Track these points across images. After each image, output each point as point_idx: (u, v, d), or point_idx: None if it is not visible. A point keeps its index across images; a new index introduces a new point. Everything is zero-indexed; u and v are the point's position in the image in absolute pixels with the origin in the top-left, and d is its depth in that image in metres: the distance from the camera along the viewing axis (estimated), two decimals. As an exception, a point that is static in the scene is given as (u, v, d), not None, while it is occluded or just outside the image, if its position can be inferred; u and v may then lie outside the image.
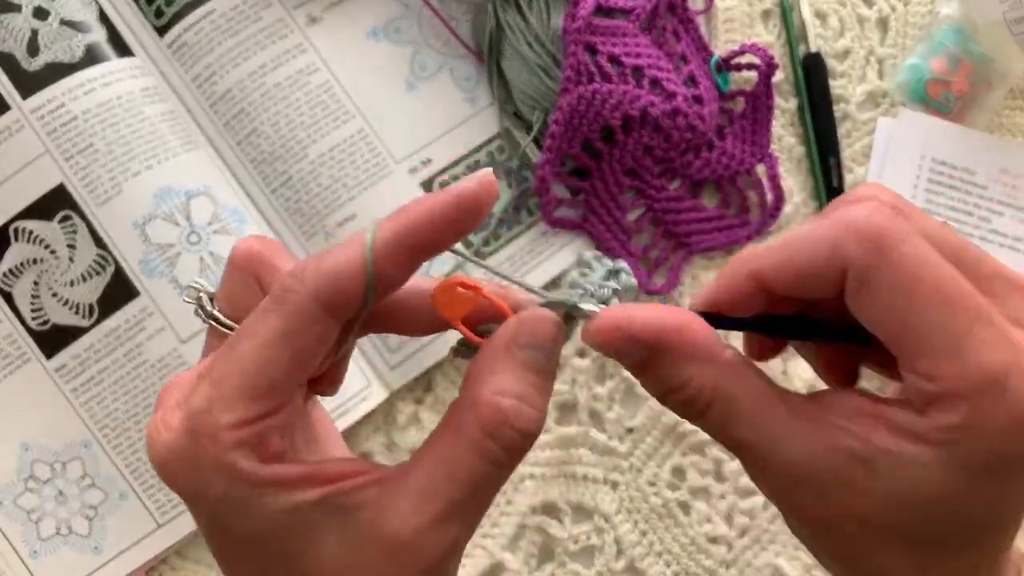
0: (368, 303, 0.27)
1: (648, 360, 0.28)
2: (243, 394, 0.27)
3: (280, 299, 0.27)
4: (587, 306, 0.29)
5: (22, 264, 0.55)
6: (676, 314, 0.28)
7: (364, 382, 0.56)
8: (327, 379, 0.32)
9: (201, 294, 0.31)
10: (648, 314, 0.28)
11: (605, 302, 0.29)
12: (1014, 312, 0.26)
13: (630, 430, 0.57)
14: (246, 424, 0.27)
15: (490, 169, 0.28)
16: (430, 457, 0.28)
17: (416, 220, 0.27)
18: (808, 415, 0.27)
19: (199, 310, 0.31)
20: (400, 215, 0.28)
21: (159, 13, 0.58)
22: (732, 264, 0.29)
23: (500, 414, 0.27)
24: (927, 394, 0.25)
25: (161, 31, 0.58)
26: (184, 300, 0.31)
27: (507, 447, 0.27)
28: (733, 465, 0.57)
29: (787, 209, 0.61)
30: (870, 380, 0.31)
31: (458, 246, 0.29)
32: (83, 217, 0.54)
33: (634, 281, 0.31)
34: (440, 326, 0.30)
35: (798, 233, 0.27)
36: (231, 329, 0.30)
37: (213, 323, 0.31)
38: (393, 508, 0.27)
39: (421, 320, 0.31)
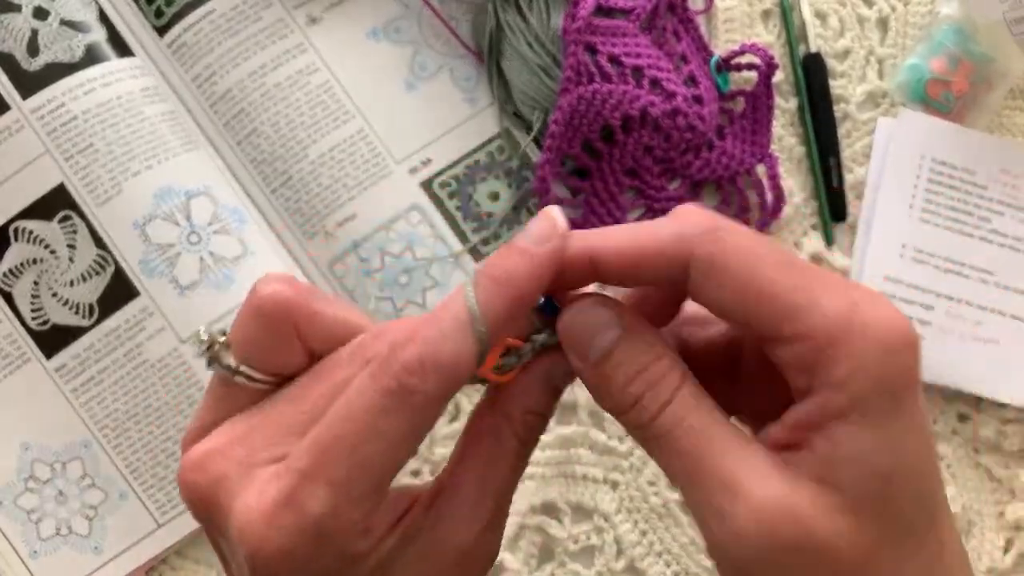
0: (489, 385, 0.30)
1: (622, 337, 0.28)
2: (372, 491, 0.27)
3: (405, 399, 0.26)
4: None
5: (22, 264, 0.55)
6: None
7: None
8: None
9: (217, 345, 0.29)
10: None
11: None
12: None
13: (630, 430, 0.57)
14: (373, 512, 0.27)
15: (559, 210, 0.28)
16: (473, 467, 0.30)
17: (522, 291, 0.27)
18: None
19: (219, 364, 0.29)
20: (506, 285, 0.27)
21: (159, 13, 0.58)
22: (567, 239, 0.28)
23: (532, 431, 0.30)
24: (804, 357, 0.26)
25: (161, 31, 0.58)
26: (199, 354, 0.29)
27: (529, 451, 0.31)
28: (733, 465, 0.57)
29: (787, 209, 0.61)
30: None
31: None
32: (83, 217, 0.54)
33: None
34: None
35: (636, 225, 0.29)
36: (262, 382, 0.29)
37: (243, 379, 0.29)
38: (452, 521, 0.29)
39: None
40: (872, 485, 0.25)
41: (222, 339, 0.29)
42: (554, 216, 0.28)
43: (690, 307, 0.32)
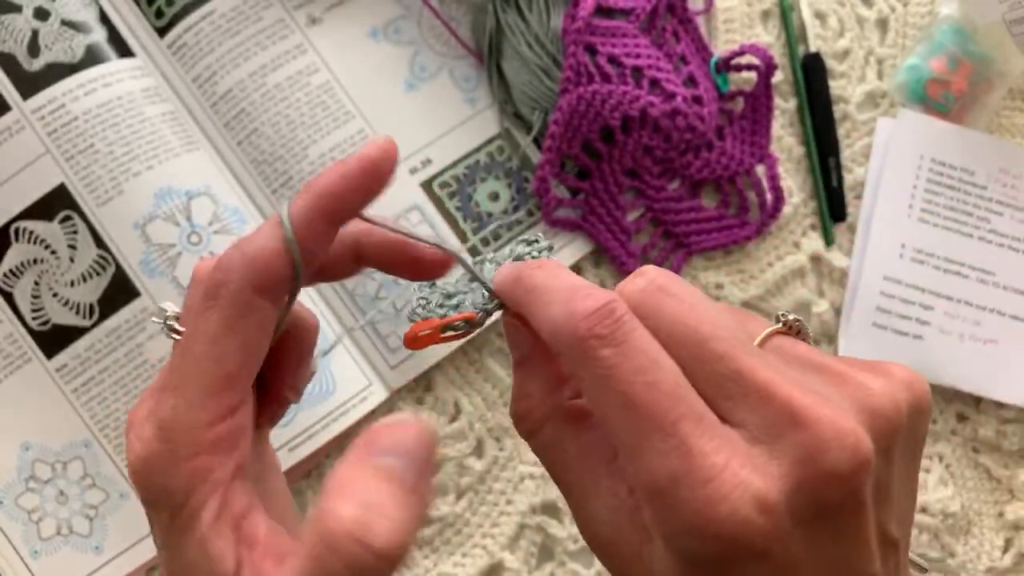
0: (299, 277, 0.29)
1: (522, 361, 0.31)
2: (205, 392, 0.28)
3: (214, 294, 0.28)
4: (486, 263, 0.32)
5: (23, 264, 0.55)
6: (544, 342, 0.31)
7: (364, 382, 0.56)
8: (289, 384, 0.33)
9: (168, 315, 0.31)
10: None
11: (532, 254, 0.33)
12: (743, 416, 0.26)
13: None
14: (217, 422, 0.28)
15: (389, 137, 0.29)
16: (276, 572, 0.26)
17: (326, 188, 0.29)
18: (623, 480, 0.28)
19: (169, 331, 0.31)
20: (309, 187, 0.29)
21: (159, 14, 0.58)
22: (523, 274, 0.31)
23: (342, 524, 0.23)
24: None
25: (161, 32, 0.58)
26: (152, 321, 0.31)
27: (352, 566, 0.23)
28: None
29: (787, 209, 0.61)
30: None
31: (380, 219, 0.31)
32: (84, 217, 0.54)
33: (546, 243, 0.34)
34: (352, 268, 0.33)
35: (551, 293, 0.29)
36: None
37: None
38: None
39: (345, 266, 0.33)
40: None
41: (176, 311, 0.31)
42: (378, 137, 0.30)
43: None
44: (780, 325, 0.30)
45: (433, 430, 0.30)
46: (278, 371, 0.33)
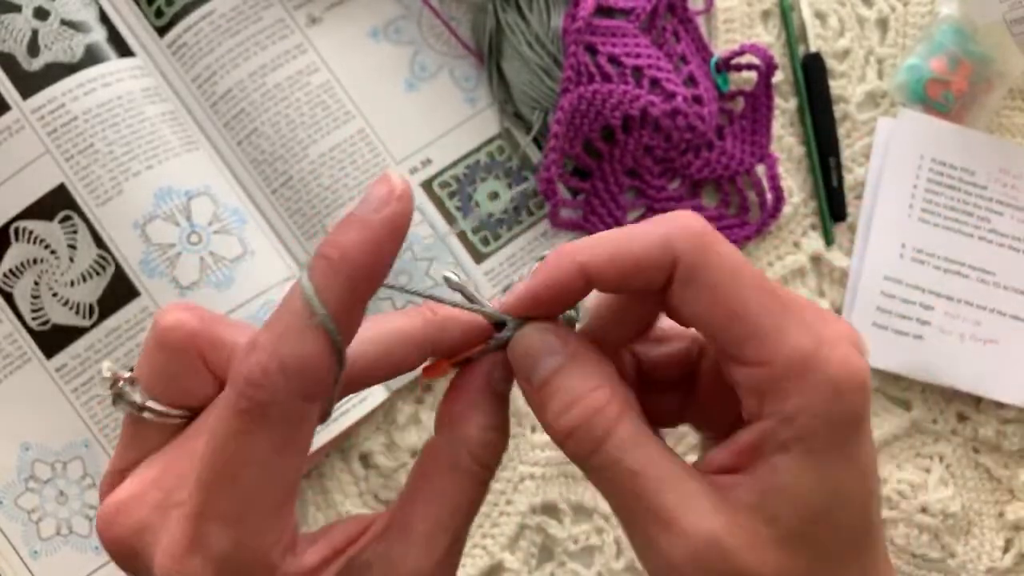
0: (342, 366, 0.25)
1: (563, 365, 0.28)
2: (270, 515, 0.25)
3: (259, 415, 0.24)
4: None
5: (22, 264, 0.55)
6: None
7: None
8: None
9: (121, 382, 0.27)
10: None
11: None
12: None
13: (630, 430, 0.57)
14: (286, 534, 0.26)
15: (403, 178, 0.26)
16: (428, 498, 0.28)
17: (360, 265, 0.25)
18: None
19: (124, 402, 0.27)
20: (339, 265, 0.25)
21: (159, 13, 0.58)
22: (556, 257, 0.28)
23: (492, 447, 0.29)
24: (759, 383, 0.26)
25: (161, 31, 0.58)
26: (104, 393, 0.27)
27: (495, 470, 0.29)
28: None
29: (787, 209, 0.61)
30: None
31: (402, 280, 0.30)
32: (83, 217, 0.54)
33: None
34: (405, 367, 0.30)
35: (627, 229, 0.28)
36: (171, 417, 0.28)
37: (151, 415, 0.28)
38: (403, 556, 0.27)
39: (402, 365, 0.30)
40: (804, 521, 0.26)
41: (127, 375, 0.28)
42: (391, 178, 0.26)
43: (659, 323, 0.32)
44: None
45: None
46: None
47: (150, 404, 0.28)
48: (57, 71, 0.55)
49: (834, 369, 0.26)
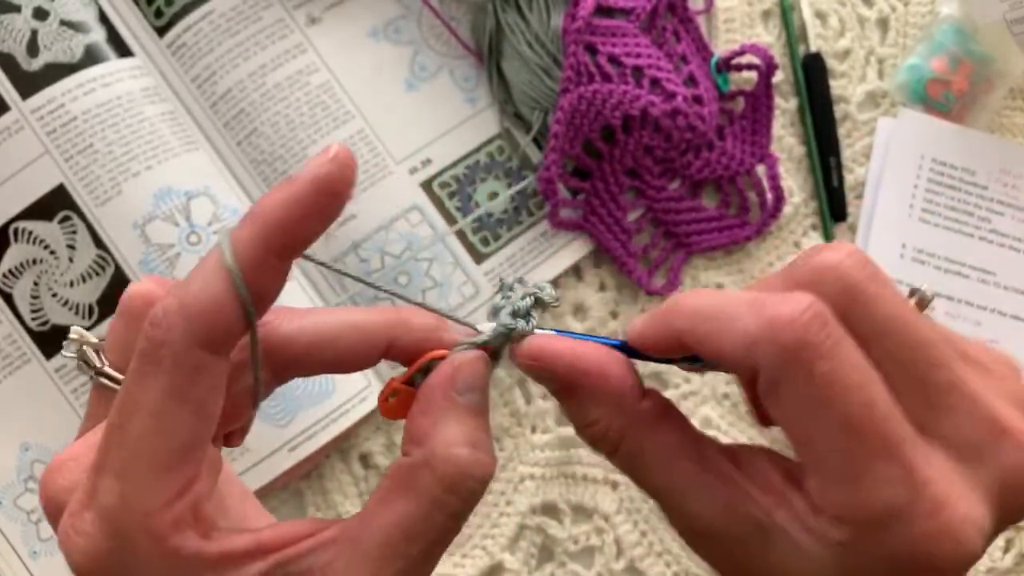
0: (253, 321, 0.25)
1: (561, 392, 0.28)
2: (157, 471, 0.24)
3: (152, 356, 0.24)
4: (514, 324, 0.29)
5: (22, 265, 0.55)
6: (595, 355, 0.28)
7: (364, 382, 0.56)
8: (238, 428, 0.30)
9: (85, 346, 0.27)
10: (567, 350, 0.28)
11: (525, 315, 0.29)
12: (947, 430, 0.24)
13: (630, 430, 0.57)
14: (176, 500, 0.24)
15: (343, 145, 0.25)
16: (384, 517, 0.26)
17: (275, 218, 0.24)
18: (719, 471, 0.27)
19: (83, 365, 0.27)
20: (255, 217, 0.24)
21: (159, 13, 0.58)
22: (663, 312, 0.27)
23: (459, 468, 0.26)
24: (823, 504, 0.24)
25: (161, 31, 0.58)
26: (63, 354, 0.27)
27: (467, 499, 0.26)
28: (733, 465, 0.57)
29: (787, 209, 0.61)
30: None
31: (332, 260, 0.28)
32: (83, 217, 0.54)
33: (554, 293, 0.30)
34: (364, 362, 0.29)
35: (726, 309, 0.25)
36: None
37: (105, 380, 0.28)
38: (345, 571, 0.25)
39: (351, 356, 0.29)
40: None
41: (94, 340, 0.27)
42: (330, 146, 0.25)
43: None
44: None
45: (489, 360, 0.28)
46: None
47: (107, 370, 0.27)
48: (56, 71, 0.55)
49: (905, 546, 0.23)
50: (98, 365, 0.27)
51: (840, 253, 0.25)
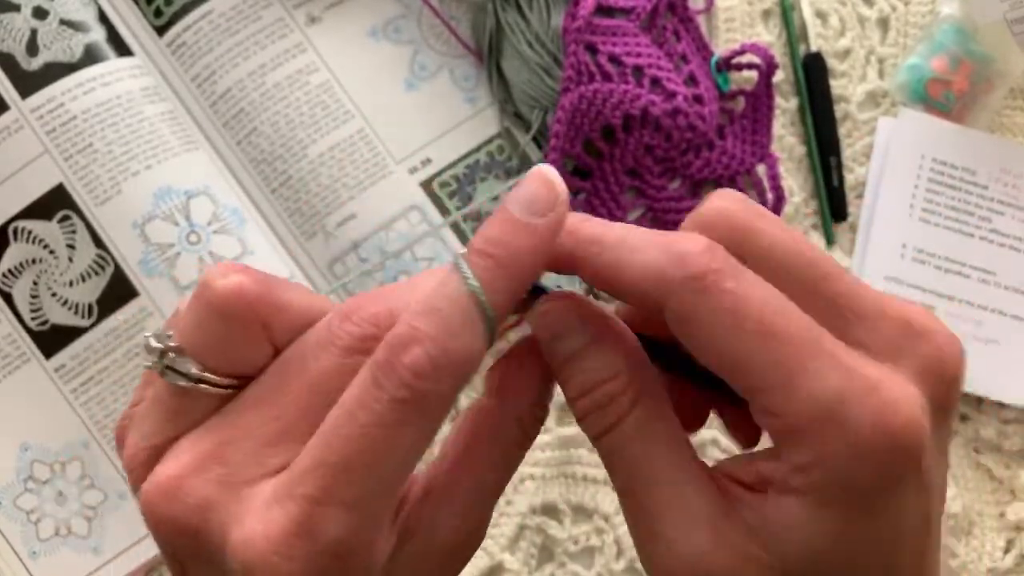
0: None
1: (585, 347, 0.26)
2: (388, 507, 0.25)
3: (420, 406, 0.23)
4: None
5: (21, 264, 0.55)
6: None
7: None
8: None
9: (172, 354, 0.25)
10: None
11: None
12: (860, 335, 0.25)
13: (630, 430, 0.57)
14: (387, 529, 0.26)
15: (549, 167, 0.25)
16: (473, 465, 0.27)
17: (527, 268, 0.25)
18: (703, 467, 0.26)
19: (176, 374, 0.25)
20: (506, 266, 0.24)
21: (158, 13, 0.58)
22: (570, 237, 0.26)
23: (536, 425, 0.28)
24: (773, 430, 0.25)
25: (160, 31, 0.58)
26: (145, 365, 0.25)
27: (526, 451, 0.28)
28: (733, 465, 0.57)
29: (787, 209, 0.60)
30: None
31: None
32: (82, 217, 0.54)
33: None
34: None
35: (627, 241, 0.25)
36: (226, 388, 0.26)
37: (207, 387, 0.26)
38: (446, 523, 0.26)
39: None
40: (808, 564, 0.24)
41: (173, 344, 0.25)
42: (552, 180, 0.25)
43: None
44: None
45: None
46: None
47: (207, 376, 0.25)
48: (56, 70, 0.55)
49: (857, 428, 0.23)
50: (193, 372, 0.25)
51: (725, 200, 0.26)
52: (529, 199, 0.25)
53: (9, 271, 0.55)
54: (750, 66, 0.60)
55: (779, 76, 0.61)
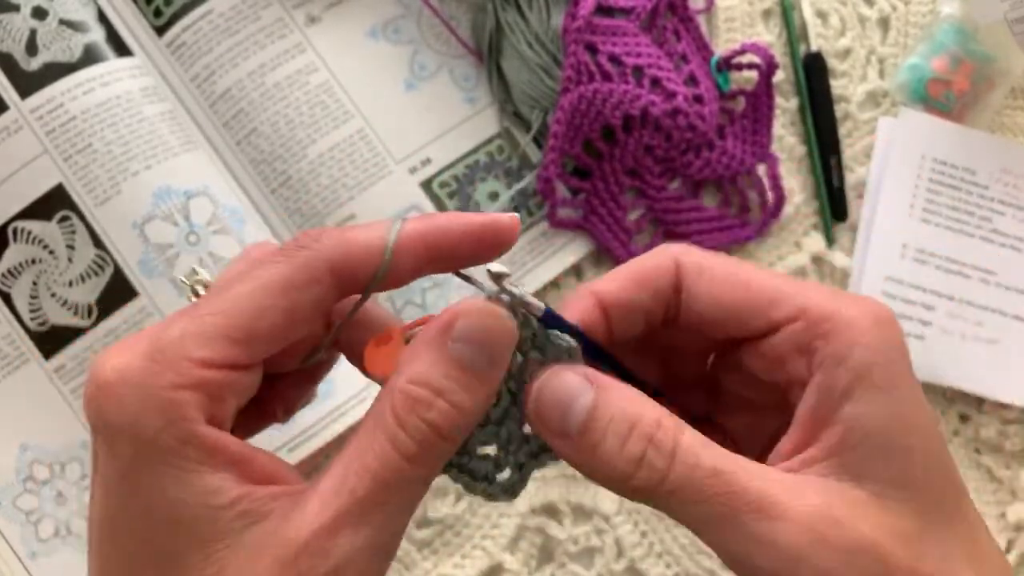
0: (375, 281, 0.27)
1: (600, 400, 0.27)
2: (223, 333, 0.25)
3: (290, 253, 0.26)
4: (534, 301, 0.28)
5: (21, 264, 0.55)
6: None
7: (364, 382, 0.56)
8: (284, 401, 0.31)
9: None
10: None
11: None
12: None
13: (630, 431, 0.57)
14: (214, 366, 0.25)
15: (517, 216, 0.29)
16: (344, 453, 0.26)
17: (442, 225, 0.28)
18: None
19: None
20: (428, 216, 0.28)
21: (158, 13, 0.58)
22: (578, 289, 0.30)
23: (410, 403, 0.25)
24: (799, 342, 0.27)
25: (160, 31, 0.58)
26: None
27: (419, 440, 0.25)
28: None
29: (788, 209, 0.60)
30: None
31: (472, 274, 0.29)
32: (82, 217, 0.54)
33: (568, 340, 0.28)
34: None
35: (626, 264, 0.30)
36: None
37: None
38: (298, 513, 0.25)
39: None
40: (890, 464, 0.25)
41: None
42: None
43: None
44: None
45: (513, 327, 0.27)
46: (282, 383, 0.31)
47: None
48: (55, 71, 0.55)
49: (863, 307, 0.27)
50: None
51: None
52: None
53: (9, 271, 0.55)
54: (750, 66, 0.60)
55: (779, 76, 0.61)
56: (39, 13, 0.55)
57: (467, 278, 0.29)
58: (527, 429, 0.29)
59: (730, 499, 0.25)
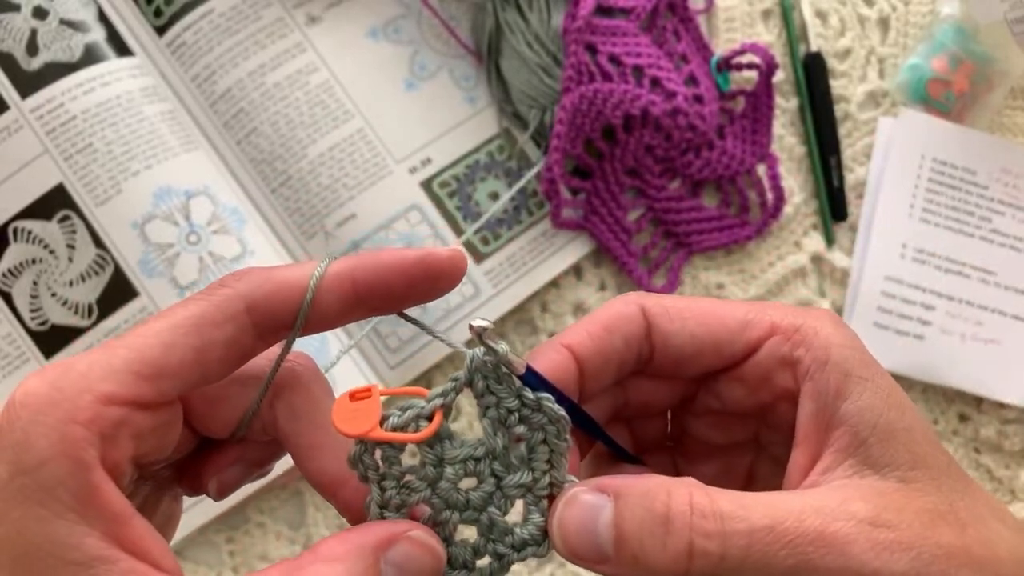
0: (298, 322, 0.26)
1: (621, 508, 0.26)
2: (130, 367, 0.24)
3: (210, 291, 0.26)
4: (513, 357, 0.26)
5: (21, 264, 0.55)
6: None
7: (364, 383, 0.56)
8: (214, 475, 0.29)
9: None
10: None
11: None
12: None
13: (630, 430, 0.57)
14: (116, 401, 0.24)
15: (462, 248, 0.27)
16: None
17: (371, 263, 0.27)
18: None
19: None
20: (360, 255, 0.27)
21: (158, 13, 0.58)
22: (547, 343, 0.30)
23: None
24: (782, 356, 0.28)
25: (160, 31, 0.58)
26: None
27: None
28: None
29: (788, 209, 0.60)
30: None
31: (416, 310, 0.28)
32: (82, 217, 0.54)
33: (559, 411, 0.27)
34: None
35: (585, 325, 0.30)
36: None
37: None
38: None
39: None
40: (904, 450, 0.26)
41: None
42: (452, 248, 0.27)
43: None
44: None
45: (442, 556, 0.26)
46: (219, 453, 0.29)
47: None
48: (56, 70, 0.55)
49: (820, 311, 0.29)
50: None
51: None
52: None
53: (9, 271, 0.55)
54: (750, 66, 0.60)
55: (779, 76, 0.61)
56: (40, 13, 0.55)
57: (412, 320, 0.28)
58: (512, 518, 0.28)
59: (794, 547, 0.24)
